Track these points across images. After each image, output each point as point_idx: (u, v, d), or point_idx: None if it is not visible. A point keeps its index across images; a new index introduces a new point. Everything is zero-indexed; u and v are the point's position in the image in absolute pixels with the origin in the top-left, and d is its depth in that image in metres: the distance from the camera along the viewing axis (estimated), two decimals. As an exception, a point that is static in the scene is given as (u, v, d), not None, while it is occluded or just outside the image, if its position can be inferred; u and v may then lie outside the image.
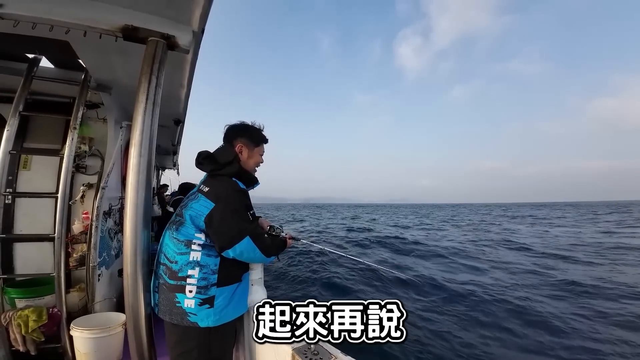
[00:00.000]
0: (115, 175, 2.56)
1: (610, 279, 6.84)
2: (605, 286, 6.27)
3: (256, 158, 1.50)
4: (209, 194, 1.29)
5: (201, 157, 1.41)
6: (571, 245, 11.97)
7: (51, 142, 2.50)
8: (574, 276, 7.05)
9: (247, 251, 1.28)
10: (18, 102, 2.06)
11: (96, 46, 1.66)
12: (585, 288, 6.16)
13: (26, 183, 2.41)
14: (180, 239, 1.27)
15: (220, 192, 1.29)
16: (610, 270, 7.77)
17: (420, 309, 5.13)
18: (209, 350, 1.25)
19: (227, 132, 1.48)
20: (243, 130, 1.48)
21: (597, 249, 10.99)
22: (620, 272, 7.51)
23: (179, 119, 3.10)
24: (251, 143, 1.47)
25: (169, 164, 6.72)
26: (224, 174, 1.36)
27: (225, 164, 1.37)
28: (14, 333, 1.97)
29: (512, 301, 5.38)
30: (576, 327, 4.46)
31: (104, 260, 2.43)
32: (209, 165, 1.38)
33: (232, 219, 1.26)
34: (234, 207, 1.28)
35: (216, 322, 1.23)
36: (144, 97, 1.28)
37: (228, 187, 1.31)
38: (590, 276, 7.14)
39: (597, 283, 6.48)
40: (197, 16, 1.39)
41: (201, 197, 1.31)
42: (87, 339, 1.88)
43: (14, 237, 2.32)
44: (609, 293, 5.88)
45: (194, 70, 1.93)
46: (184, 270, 1.23)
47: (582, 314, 4.93)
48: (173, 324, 1.24)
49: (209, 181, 1.37)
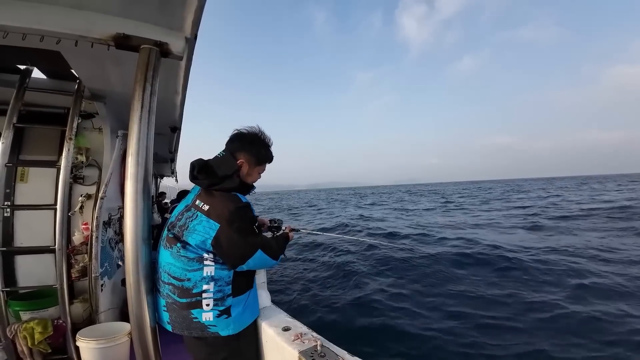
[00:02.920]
0: (113, 185, 2.55)
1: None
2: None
3: (254, 177, 1.40)
4: (210, 214, 1.21)
5: (195, 170, 1.28)
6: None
7: (47, 153, 2.49)
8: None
9: (259, 262, 1.28)
10: (12, 114, 2.05)
11: (88, 55, 1.65)
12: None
13: (24, 195, 2.40)
14: (190, 256, 1.21)
15: (223, 211, 1.20)
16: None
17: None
18: (241, 355, 1.28)
19: (233, 139, 1.35)
20: (250, 143, 1.35)
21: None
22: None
23: (175, 126, 3.09)
24: (253, 160, 1.35)
25: (167, 171, 6.70)
26: (223, 188, 1.26)
27: (224, 177, 1.26)
28: (20, 345, 1.97)
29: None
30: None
31: (106, 270, 2.42)
32: (205, 180, 1.27)
33: (241, 238, 1.20)
34: (239, 225, 1.21)
35: (236, 330, 1.23)
36: (139, 105, 1.27)
37: (230, 204, 1.22)
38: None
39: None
40: (189, 22, 1.38)
41: (201, 216, 1.22)
42: (94, 349, 1.88)
43: (15, 249, 2.32)
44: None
45: (188, 76, 1.92)
46: (199, 286, 1.19)
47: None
48: (195, 338, 1.22)
49: (206, 197, 1.26)
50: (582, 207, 14.63)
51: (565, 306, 4.09)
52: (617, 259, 6.11)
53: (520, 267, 5.79)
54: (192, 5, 1.26)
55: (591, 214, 12.45)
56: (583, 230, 9.45)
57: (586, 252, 6.69)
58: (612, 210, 12.72)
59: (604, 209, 13.41)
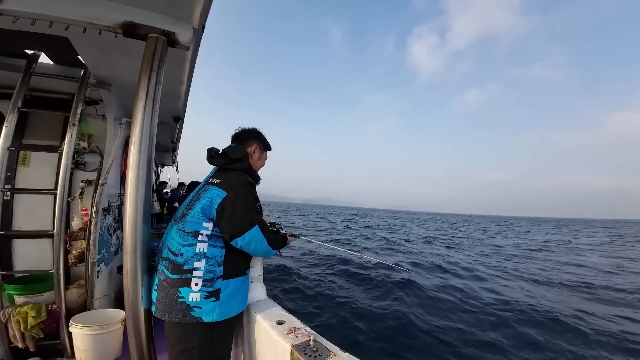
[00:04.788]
0: (114, 172, 2.56)
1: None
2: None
3: (263, 161, 1.64)
4: (220, 185, 1.33)
5: (213, 152, 1.49)
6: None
7: (50, 138, 2.49)
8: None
9: (254, 241, 1.31)
10: (17, 98, 2.05)
11: (96, 43, 1.66)
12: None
13: (25, 180, 2.40)
14: (187, 230, 1.27)
15: (233, 183, 1.34)
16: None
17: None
18: (211, 347, 1.25)
19: (242, 133, 1.59)
20: (257, 134, 1.61)
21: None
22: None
23: (179, 116, 3.10)
24: (262, 146, 1.61)
25: (168, 161, 6.71)
26: (235, 168, 1.43)
27: (236, 160, 1.44)
28: (12, 330, 1.97)
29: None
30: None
31: (103, 257, 2.43)
32: (220, 160, 1.44)
33: (244, 208, 1.30)
34: (245, 197, 1.32)
35: (220, 317, 1.23)
36: (143, 93, 1.28)
37: (239, 178, 1.38)
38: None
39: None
40: (197, 13, 1.39)
41: (213, 187, 1.34)
42: (87, 335, 1.89)
43: (13, 233, 2.32)
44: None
45: (194, 67, 1.93)
46: (190, 263, 1.22)
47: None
48: (173, 323, 1.22)
49: (219, 174, 1.42)
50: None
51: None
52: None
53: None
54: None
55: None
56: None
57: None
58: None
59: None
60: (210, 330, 1.23)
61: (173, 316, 1.20)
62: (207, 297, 1.22)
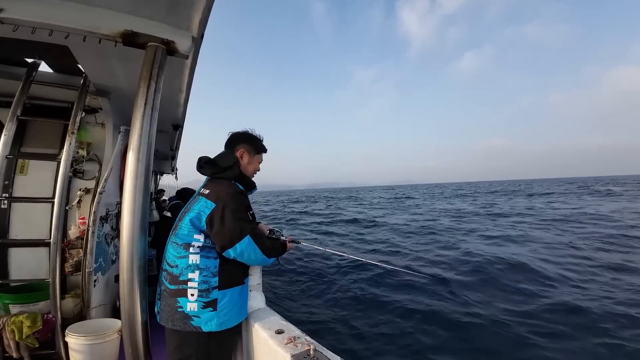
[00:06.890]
0: (112, 180, 2.55)
1: None
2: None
3: (255, 165, 1.55)
4: (209, 196, 1.32)
5: (202, 162, 1.45)
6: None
7: (49, 146, 2.49)
8: None
9: (247, 251, 1.29)
10: (16, 106, 2.05)
11: (95, 51, 1.67)
12: None
13: (22, 188, 2.39)
14: (178, 242, 1.28)
15: (221, 193, 1.31)
16: None
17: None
18: (209, 357, 1.24)
19: (230, 138, 1.53)
20: (246, 137, 1.54)
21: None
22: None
23: (178, 124, 3.10)
24: (252, 150, 1.53)
25: (167, 169, 6.71)
26: (225, 177, 1.40)
27: (226, 168, 1.41)
28: (7, 339, 1.94)
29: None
30: None
31: (100, 265, 2.40)
32: (209, 169, 1.42)
33: (233, 219, 1.27)
34: (234, 207, 1.29)
35: (219, 327, 1.23)
36: (142, 102, 1.28)
37: (228, 188, 1.34)
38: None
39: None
40: (196, 22, 1.40)
41: (202, 198, 1.33)
42: (83, 345, 1.85)
43: (9, 242, 2.30)
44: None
45: (193, 75, 1.94)
46: (185, 274, 1.23)
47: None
48: (174, 330, 1.24)
49: (209, 184, 1.40)
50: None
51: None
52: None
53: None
54: (199, 5, 1.28)
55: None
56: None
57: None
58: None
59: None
60: (209, 339, 1.23)
61: (175, 324, 1.22)
62: (204, 307, 1.22)
